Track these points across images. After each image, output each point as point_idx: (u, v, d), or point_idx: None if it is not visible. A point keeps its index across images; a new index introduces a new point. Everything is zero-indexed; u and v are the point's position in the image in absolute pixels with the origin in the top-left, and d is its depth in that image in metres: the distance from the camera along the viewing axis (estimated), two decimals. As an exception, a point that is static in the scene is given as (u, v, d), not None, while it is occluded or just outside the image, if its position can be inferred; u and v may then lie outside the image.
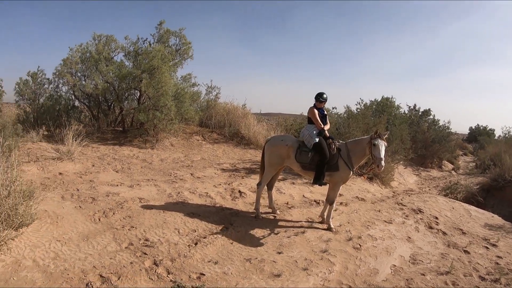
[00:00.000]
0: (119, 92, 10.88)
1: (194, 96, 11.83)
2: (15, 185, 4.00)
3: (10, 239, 3.73)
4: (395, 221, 5.83)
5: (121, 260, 3.78)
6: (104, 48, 11.05)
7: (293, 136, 6.24)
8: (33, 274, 3.35)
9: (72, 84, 10.61)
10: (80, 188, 5.82)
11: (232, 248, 4.41)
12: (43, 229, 4.16)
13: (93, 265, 3.61)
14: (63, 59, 10.55)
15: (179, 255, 4.05)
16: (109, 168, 7.42)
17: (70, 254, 3.76)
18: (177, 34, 11.91)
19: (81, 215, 4.73)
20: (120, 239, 4.20)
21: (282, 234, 4.96)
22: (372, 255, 4.53)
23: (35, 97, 10.61)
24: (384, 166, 4.77)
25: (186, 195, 6.07)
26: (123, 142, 10.03)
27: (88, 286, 3.28)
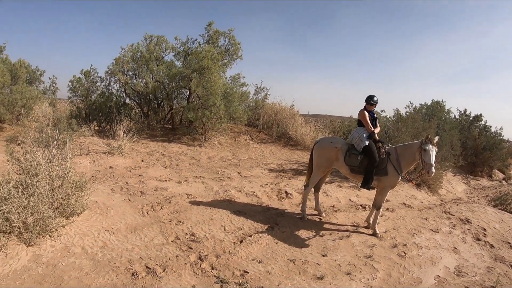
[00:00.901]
0: (169, 91, 11.97)
1: (243, 96, 12.61)
2: (68, 176, 4.59)
3: (61, 227, 4.28)
4: (441, 230, 6.03)
5: (167, 253, 4.14)
6: (155, 48, 12.24)
7: (342, 139, 6.53)
8: (81, 261, 3.81)
9: (123, 82, 11.75)
10: (129, 182, 6.50)
11: (276, 247, 4.66)
12: (93, 219, 4.71)
13: (139, 256, 4.01)
14: (115, 58, 11.88)
15: (224, 251, 4.34)
16: (158, 164, 8.15)
17: (118, 244, 4.21)
18: (226, 35, 12.84)
19: (129, 207, 5.27)
20: (167, 233, 4.61)
21: (327, 237, 5.20)
22: (417, 264, 4.72)
23: (87, 94, 12.06)
24: (433, 172, 4.97)
25: (233, 193, 6.53)
26: (172, 139, 10.96)
27: (134, 276, 3.65)
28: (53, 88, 15.61)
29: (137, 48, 12.12)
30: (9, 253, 3.85)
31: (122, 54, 11.86)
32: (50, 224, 4.13)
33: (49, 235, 4.16)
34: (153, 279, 3.62)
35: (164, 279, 3.63)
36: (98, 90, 12.08)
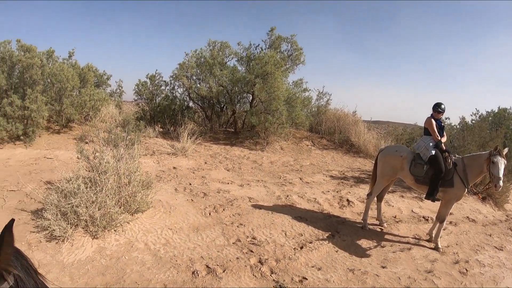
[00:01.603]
0: (232, 95, 12.85)
1: (305, 101, 13.12)
2: (135, 175, 5.17)
3: (126, 222, 4.83)
4: (506, 248, 5.95)
5: (228, 254, 4.46)
6: (218, 54, 13.21)
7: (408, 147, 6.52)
8: (143, 256, 4.26)
9: (188, 86, 12.75)
10: (192, 183, 7.07)
11: (336, 256, 4.81)
12: (156, 216, 5.23)
13: (200, 255, 4.37)
14: (179, 63, 13.10)
15: (284, 256, 4.56)
16: (220, 166, 8.70)
17: (180, 242, 4.63)
18: (289, 40, 13.48)
19: (192, 208, 5.75)
20: (228, 235, 4.97)
21: (388, 248, 5.25)
22: (478, 282, 4.70)
23: (152, 97, 13.33)
24: (501, 186, 4.93)
25: (295, 199, 6.83)
26: (234, 142, 11.68)
27: (195, 274, 3.98)
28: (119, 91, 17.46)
29: (201, 53, 13.19)
30: (75, 243, 4.43)
31: (187, 60, 12.92)
32: (116, 219, 4.68)
33: (114, 230, 4.71)
34: (213, 279, 3.91)
35: (223, 280, 3.91)
36: (162, 93, 13.32)
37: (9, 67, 11.65)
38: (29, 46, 11.83)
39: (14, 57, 11.49)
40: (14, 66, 11.73)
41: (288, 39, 13.30)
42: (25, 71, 11.35)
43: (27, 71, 11.28)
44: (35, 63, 11.27)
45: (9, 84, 11.64)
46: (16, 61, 11.46)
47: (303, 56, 13.54)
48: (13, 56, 11.53)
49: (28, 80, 11.41)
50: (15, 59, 11.47)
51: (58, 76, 11.92)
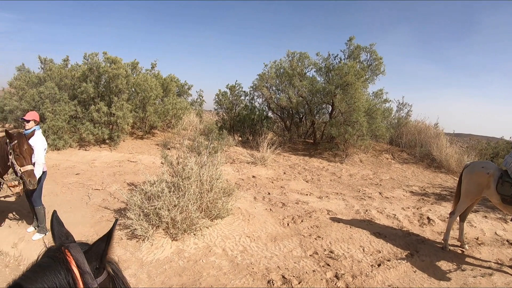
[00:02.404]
0: (311, 106, 13.41)
1: (386, 113, 13.37)
2: (218, 182, 5.76)
3: (206, 227, 5.41)
4: None
5: (304, 266, 4.77)
6: (297, 64, 13.96)
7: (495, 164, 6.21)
8: (220, 261, 4.74)
9: (267, 96, 13.47)
10: (271, 192, 7.60)
11: (414, 276, 4.85)
12: (235, 223, 5.77)
13: (277, 265, 4.73)
14: (259, 74, 14.23)
15: (361, 273, 4.75)
16: (299, 177, 9.15)
17: (257, 251, 5.06)
18: (368, 50, 13.80)
19: (271, 217, 6.20)
20: (306, 246, 5.30)
21: (468, 272, 5.15)
22: None
23: (232, 106, 14.69)
24: None
25: (374, 214, 6.99)
26: (313, 153, 12.15)
27: (270, 283, 4.34)
28: (199, 100, 19.19)
29: (280, 64, 14.08)
30: (155, 243, 5.09)
31: (266, 70, 13.71)
32: (196, 224, 5.28)
33: (193, 234, 5.31)
34: (287, 289, 4.26)
35: (298, 291, 4.23)
36: (242, 103, 14.55)
37: (97, 77, 13.43)
38: (114, 58, 13.52)
39: (101, 68, 13.20)
40: (101, 76, 13.48)
41: (367, 48, 13.63)
42: (111, 81, 12.97)
43: (113, 80, 12.88)
44: (121, 74, 12.85)
45: (97, 93, 13.38)
46: (103, 71, 13.15)
47: (383, 66, 13.79)
48: (100, 67, 13.27)
49: (114, 89, 13.02)
50: (102, 70, 13.17)
51: (142, 86, 13.44)
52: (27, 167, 4.84)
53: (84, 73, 13.57)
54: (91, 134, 12.46)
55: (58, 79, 13.86)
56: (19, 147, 4.81)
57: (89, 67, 13.55)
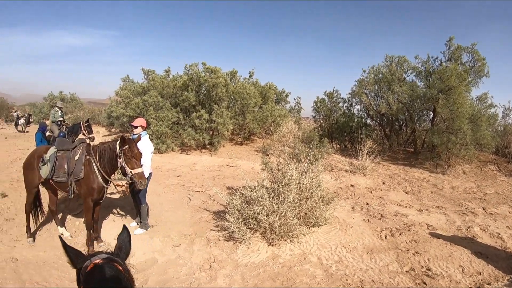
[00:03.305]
0: (411, 112, 13.17)
1: (491, 119, 12.57)
2: (317, 190, 6.04)
3: (302, 235, 5.73)
4: None
5: (400, 282, 4.86)
6: (396, 69, 13.85)
7: None
8: (315, 270, 5.01)
9: (367, 103, 13.59)
10: (369, 203, 7.78)
11: None
12: (332, 233, 6.06)
13: (372, 278, 4.90)
14: (357, 80, 14.34)
15: None
16: (398, 188, 9.17)
17: (352, 262, 5.28)
18: (469, 50, 13.11)
19: (368, 228, 6.40)
20: (402, 261, 5.37)
21: None
22: None
23: (330, 114, 15.09)
24: None
25: (476, 231, 6.70)
26: (414, 163, 11.87)
27: None
28: (297, 108, 19.88)
29: (378, 69, 14.05)
30: (251, 247, 5.52)
31: (365, 76, 13.79)
32: (294, 231, 5.60)
33: (290, 240, 5.66)
34: (379, 306, 4.44)
35: (392, 308, 4.41)
36: (340, 110, 14.81)
37: (197, 86, 14.85)
38: (214, 68, 14.83)
39: (201, 78, 14.57)
40: (201, 85, 14.88)
41: (469, 48, 13.00)
42: (211, 89, 14.26)
43: (213, 89, 14.13)
44: (220, 83, 14.09)
45: (198, 100, 14.75)
46: (203, 81, 14.49)
47: (487, 67, 13.02)
48: (200, 77, 14.65)
49: (214, 97, 14.26)
50: (202, 79, 14.53)
51: (241, 94, 14.54)
52: (137, 170, 5.52)
53: (185, 83, 15.06)
54: (193, 139, 13.82)
55: (160, 88, 15.54)
56: (130, 151, 5.51)
57: (190, 77, 15.01)
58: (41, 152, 6.09)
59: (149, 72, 18.54)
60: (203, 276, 5.02)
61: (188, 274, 5.13)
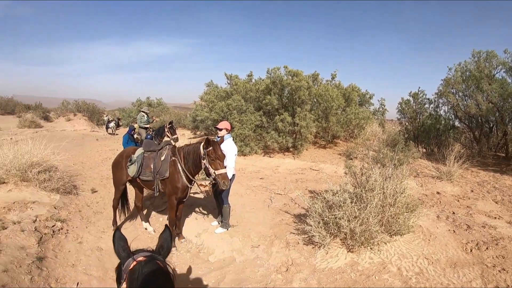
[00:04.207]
0: (503, 113, 12.13)
1: None
2: (401, 196, 5.83)
3: (383, 243, 5.60)
4: None
5: None
6: (484, 65, 12.92)
7: None
8: (393, 280, 4.92)
9: (454, 104, 12.92)
10: (456, 212, 7.45)
11: None
12: (414, 242, 5.88)
13: None
14: (443, 79, 13.45)
15: None
16: (488, 197, 8.65)
17: (434, 275, 5.07)
18: None
19: (453, 240, 6.13)
20: (487, 279, 5.03)
21: None
22: None
23: (415, 115, 14.47)
24: None
25: None
26: (505, 170, 11.03)
27: None
28: (381, 110, 19.52)
29: (465, 66, 13.19)
30: (330, 252, 5.54)
31: (451, 75, 13.12)
32: (375, 238, 5.46)
33: (370, 248, 5.54)
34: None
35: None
36: (426, 112, 14.17)
37: (280, 90, 15.33)
38: (296, 71, 15.20)
39: (284, 81, 14.96)
40: (283, 89, 15.32)
41: None
42: (294, 93, 14.63)
43: (296, 92, 14.49)
44: (303, 86, 14.40)
45: (280, 104, 15.17)
46: (285, 84, 14.88)
47: None
48: (282, 80, 15.06)
49: (297, 100, 14.63)
50: (284, 83, 14.92)
51: (324, 96, 14.69)
52: (221, 171, 5.91)
53: (268, 86, 15.56)
54: (276, 142, 14.28)
55: (243, 93, 16.21)
56: (214, 153, 5.90)
57: (272, 81, 15.48)
58: (129, 152, 6.83)
59: (232, 77, 19.43)
60: (279, 278, 5.25)
61: (264, 275, 5.40)
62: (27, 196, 7.75)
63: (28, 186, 8.10)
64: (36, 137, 9.43)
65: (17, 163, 8.23)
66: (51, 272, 5.26)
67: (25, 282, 4.72)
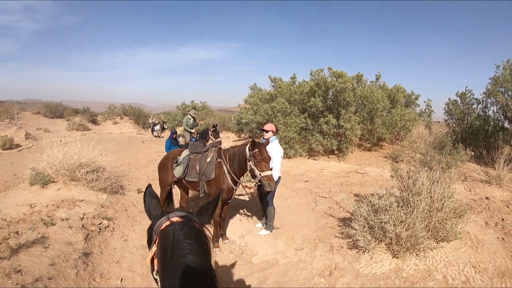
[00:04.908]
0: None
1: None
2: (449, 201, 5.70)
3: (429, 249, 5.47)
4: None
5: None
6: None
7: None
8: None
9: (503, 104, 12.41)
10: (505, 219, 7.21)
11: None
12: (461, 250, 5.74)
13: None
14: (491, 78, 12.79)
15: None
16: None
17: (480, 284, 4.91)
18: None
19: (502, 248, 5.92)
20: None
21: None
22: None
23: (463, 117, 13.91)
24: None
25: None
26: None
27: None
28: (428, 111, 19.02)
29: None
30: (375, 257, 5.49)
31: (499, 73, 12.60)
32: (421, 244, 5.33)
33: (415, 254, 5.41)
34: None
35: None
36: (474, 112, 13.59)
37: (324, 91, 15.34)
38: (340, 72, 15.21)
39: (328, 83, 15.00)
40: (327, 90, 15.29)
41: None
42: (338, 94, 14.62)
43: (340, 94, 14.51)
44: (347, 87, 14.35)
45: (325, 106, 15.22)
46: (330, 86, 14.89)
47: None
48: (326, 82, 15.08)
49: (342, 102, 14.62)
50: (328, 84, 14.93)
51: (368, 98, 14.56)
52: (267, 172, 6.01)
53: (312, 89, 15.68)
54: (320, 145, 14.39)
55: (287, 95, 16.40)
56: (260, 155, 6.03)
57: (316, 83, 15.59)
58: (175, 154, 7.08)
59: (276, 80, 19.66)
60: (322, 282, 5.31)
61: (307, 279, 5.47)
62: (75, 194, 8.30)
63: (77, 185, 8.68)
64: (84, 139, 10.01)
65: (66, 163, 8.84)
66: (96, 267, 5.62)
67: (71, 276, 5.07)
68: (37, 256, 5.20)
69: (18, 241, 5.59)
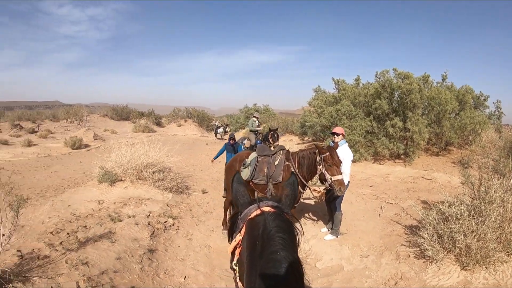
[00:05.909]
0: None
1: None
2: None
3: (500, 262, 5.06)
4: None
5: None
6: None
7: None
8: None
9: None
10: None
11: None
12: None
13: None
14: None
15: None
16: None
17: None
18: None
19: None
20: None
21: None
22: None
23: None
24: None
25: None
26: None
27: None
28: (497, 113, 18.08)
29: None
30: (442, 268, 5.19)
31: None
32: (491, 256, 4.98)
33: (485, 267, 5.03)
34: None
35: None
36: None
37: (389, 93, 15.04)
38: (406, 73, 14.82)
39: (393, 84, 14.68)
40: (393, 92, 15.00)
41: None
42: (404, 96, 14.29)
43: (407, 96, 14.14)
44: (414, 88, 13.93)
45: (391, 108, 14.97)
46: (395, 87, 14.62)
47: None
48: (392, 84, 14.77)
49: (409, 104, 14.25)
50: (394, 86, 14.65)
51: (436, 99, 14.11)
52: (338, 177, 5.95)
53: (377, 91, 15.38)
54: (387, 149, 14.13)
55: (352, 97, 16.18)
56: (331, 158, 5.99)
57: (381, 84, 15.30)
58: (243, 156, 7.23)
59: (339, 82, 19.44)
60: None
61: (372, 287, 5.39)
62: (142, 193, 8.77)
63: (143, 184, 9.17)
64: (150, 141, 10.57)
65: (133, 163, 9.39)
66: (161, 264, 5.91)
67: (136, 271, 5.38)
68: (104, 250, 5.60)
69: (86, 235, 6.05)
